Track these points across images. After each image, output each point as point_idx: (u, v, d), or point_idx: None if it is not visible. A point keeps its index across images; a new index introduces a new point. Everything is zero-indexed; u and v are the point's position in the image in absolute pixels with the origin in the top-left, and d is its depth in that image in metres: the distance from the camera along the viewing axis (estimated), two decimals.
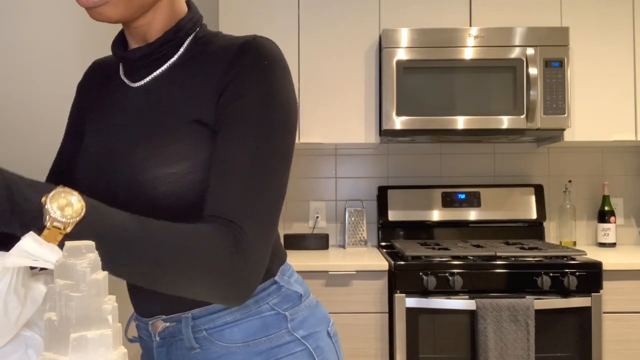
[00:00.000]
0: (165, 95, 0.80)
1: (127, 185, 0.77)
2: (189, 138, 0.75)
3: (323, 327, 0.88)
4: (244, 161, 0.72)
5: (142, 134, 0.78)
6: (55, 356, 0.45)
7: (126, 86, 0.85)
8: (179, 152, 0.75)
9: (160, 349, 0.85)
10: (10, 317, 0.55)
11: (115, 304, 0.49)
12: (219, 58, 0.78)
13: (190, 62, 0.81)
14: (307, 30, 2.43)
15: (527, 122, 2.29)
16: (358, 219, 2.62)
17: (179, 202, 0.74)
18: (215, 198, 0.71)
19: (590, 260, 2.09)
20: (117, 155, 0.79)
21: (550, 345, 2.04)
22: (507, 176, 2.74)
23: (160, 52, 0.81)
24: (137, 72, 0.84)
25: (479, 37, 2.31)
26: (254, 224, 0.70)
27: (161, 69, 0.82)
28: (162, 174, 0.74)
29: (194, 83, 0.78)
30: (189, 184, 0.74)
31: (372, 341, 2.11)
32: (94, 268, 0.47)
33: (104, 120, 0.85)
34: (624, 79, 2.41)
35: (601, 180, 2.73)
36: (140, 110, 0.81)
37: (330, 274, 2.12)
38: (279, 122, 0.75)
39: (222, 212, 0.70)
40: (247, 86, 0.74)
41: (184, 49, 0.82)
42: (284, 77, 0.77)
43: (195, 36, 0.83)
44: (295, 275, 0.90)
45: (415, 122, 2.30)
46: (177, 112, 0.77)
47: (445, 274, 2.05)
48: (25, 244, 0.54)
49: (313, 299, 0.91)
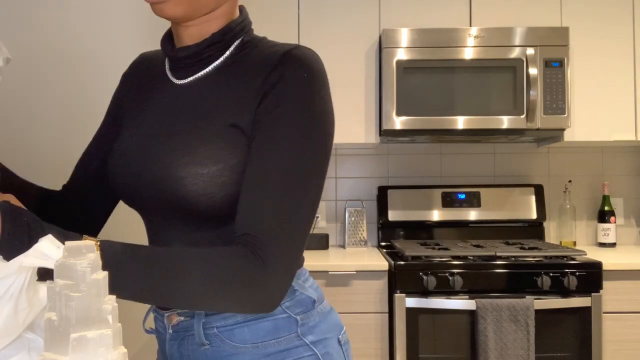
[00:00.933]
0: (206, 97, 0.81)
1: (155, 181, 0.78)
2: (224, 141, 0.76)
3: (334, 334, 0.88)
4: (277, 177, 0.73)
5: (178, 132, 0.79)
6: (55, 356, 0.45)
7: (170, 83, 0.86)
8: (213, 154, 0.75)
9: (173, 342, 0.86)
10: (19, 317, 0.55)
11: (115, 304, 0.49)
12: (261, 65, 0.79)
13: (234, 66, 0.82)
14: (307, 30, 2.43)
15: (527, 122, 2.29)
16: (358, 219, 2.62)
17: (208, 202, 0.75)
18: (246, 214, 0.73)
19: (590, 260, 2.09)
20: (150, 151, 0.80)
21: (550, 345, 2.04)
22: (507, 176, 2.74)
23: (206, 54, 0.82)
24: (182, 70, 0.85)
25: (479, 37, 2.31)
26: (283, 244, 0.72)
27: (206, 70, 0.83)
28: (192, 173, 0.75)
29: (234, 87, 0.79)
30: (219, 186, 0.75)
31: (372, 341, 2.11)
32: (94, 268, 0.47)
33: (144, 114, 0.87)
34: (624, 79, 2.40)
35: (601, 180, 2.73)
36: (179, 109, 0.82)
37: (330, 274, 2.12)
38: (316, 137, 0.75)
39: (251, 229, 0.72)
40: (285, 97, 0.75)
41: (229, 53, 0.83)
42: (323, 90, 0.78)
43: (242, 40, 0.84)
44: (310, 281, 0.90)
45: (415, 122, 2.30)
46: (215, 115, 0.78)
47: (445, 274, 2.05)
48: (42, 245, 0.54)
49: (327, 305, 0.90)
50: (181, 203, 0.76)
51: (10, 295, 0.54)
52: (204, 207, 0.76)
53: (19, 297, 0.55)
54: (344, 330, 0.91)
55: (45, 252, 0.53)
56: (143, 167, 0.80)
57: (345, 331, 0.92)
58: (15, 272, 0.54)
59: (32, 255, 0.53)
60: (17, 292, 0.54)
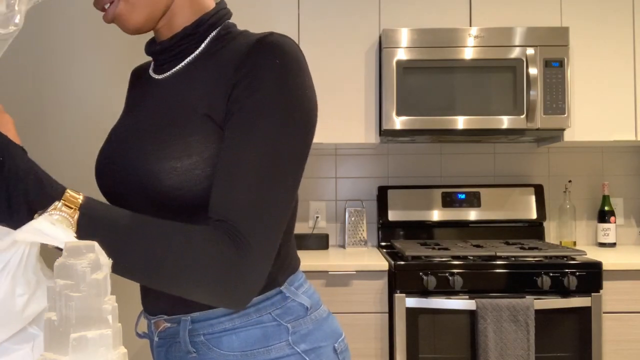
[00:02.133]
0: (181, 90, 0.80)
1: (133, 178, 0.77)
2: (198, 133, 0.75)
3: (329, 342, 0.84)
4: (252, 164, 0.70)
5: (152, 127, 0.79)
6: (55, 356, 0.45)
7: (151, 79, 0.87)
8: (187, 147, 0.74)
9: (160, 349, 0.85)
10: (16, 303, 0.55)
11: (115, 304, 0.48)
12: (235, 54, 0.77)
13: (209, 58, 0.81)
14: (307, 30, 2.43)
15: (527, 122, 2.29)
16: (358, 219, 2.62)
17: (184, 197, 0.74)
18: (219, 200, 0.70)
19: (590, 260, 2.09)
20: (127, 148, 0.80)
21: (550, 345, 2.04)
22: (507, 176, 2.74)
23: (180, 47, 0.82)
24: (161, 67, 0.86)
25: (479, 37, 2.31)
26: (258, 229, 0.69)
27: (181, 64, 0.83)
28: (167, 167, 0.74)
29: (208, 78, 0.78)
30: (195, 179, 0.73)
31: (372, 341, 2.11)
32: (94, 268, 0.47)
33: (126, 114, 0.88)
34: (624, 79, 2.40)
35: (601, 180, 2.73)
36: (155, 104, 0.82)
37: (330, 274, 2.12)
38: (292, 122, 0.73)
39: (226, 215, 0.69)
40: (258, 83, 0.73)
41: (205, 45, 0.83)
42: (300, 76, 0.75)
43: (219, 33, 0.83)
44: (305, 286, 0.87)
45: (415, 122, 2.30)
46: (188, 107, 0.77)
47: (445, 274, 2.05)
48: (38, 222, 0.54)
49: (323, 312, 0.87)
50: (157, 197, 0.75)
51: (7, 272, 0.54)
52: (180, 201, 0.74)
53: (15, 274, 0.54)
54: (342, 338, 0.88)
55: (39, 228, 0.53)
56: (120, 170, 0.79)
57: (343, 339, 0.88)
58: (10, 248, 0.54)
59: (25, 230, 0.53)
60: (13, 269, 0.54)
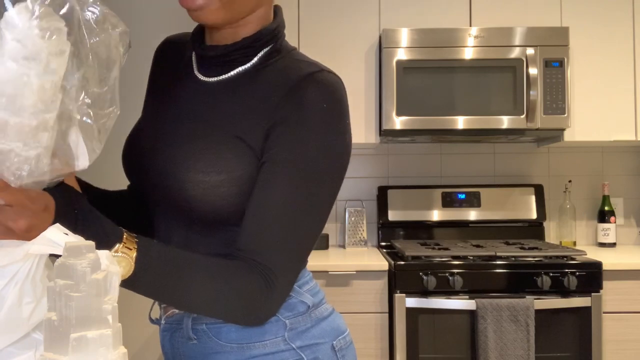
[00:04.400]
0: (223, 102, 0.80)
1: (158, 179, 0.79)
2: (230, 152, 0.76)
3: (328, 339, 0.85)
4: (285, 204, 0.74)
5: (187, 136, 0.80)
6: (55, 356, 0.45)
7: (194, 77, 0.85)
8: (217, 164, 0.76)
9: (165, 334, 0.87)
10: (23, 311, 0.55)
11: (115, 304, 0.49)
12: (280, 83, 0.78)
13: (256, 75, 0.81)
14: (307, 30, 2.43)
15: (527, 122, 2.29)
16: (358, 219, 2.62)
17: (203, 208, 0.76)
18: (252, 238, 0.75)
19: (590, 260, 2.09)
20: (157, 149, 0.81)
21: (550, 345, 2.04)
22: (507, 176, 2.74)
23: (233, 56, 0.82)
24: (208, 67, 0.84)
25: (479, 37, 2.31)
26: (287, 269, 0.75)
27: (230, 74, 0.82)
28: (195, 179, 0.75)
29: (249, 100, 0.79)
30: (219, 195, 0.76)
31: (372, 341, 2.11)
32: (94, 268, 0.47)
33: (163, 106, 0.86)
34: (624, 79, 2.40)
35: (601, 180, 2.73)
36: (194, 111, 0.82)
37: (330, 274, 2.12)
38: (327, 170, 0.77)
39: (260, 254, 0.74)
40: (302, 124, 0.75)
41: (257, 60, 0.82)
42: (342, 120, 0.79)
43: (272, 48, 0.83)
44: (310, 285, 0.88)
45: (415, 122, 2.30)
46: (225, 125, 0.78)
47: (445, 274, 2.05)
48: (50, 233, 0.54)
49: (325, 310, 0.88)
50: (180, 204, 0.77)
51: (15, 282, 0.54)
52: (201, 212, 0.77)
53: (23, 285, 0.54)
54: (344, 336, 0.88)
55: (52, 239, 0.53)
56: (150, 163, 0.81)
57: (345, 337, 0.88)
58: (22, 260, 0.54)
59: (38, 242, 0.53)
60: (21, 280, 0.54)
